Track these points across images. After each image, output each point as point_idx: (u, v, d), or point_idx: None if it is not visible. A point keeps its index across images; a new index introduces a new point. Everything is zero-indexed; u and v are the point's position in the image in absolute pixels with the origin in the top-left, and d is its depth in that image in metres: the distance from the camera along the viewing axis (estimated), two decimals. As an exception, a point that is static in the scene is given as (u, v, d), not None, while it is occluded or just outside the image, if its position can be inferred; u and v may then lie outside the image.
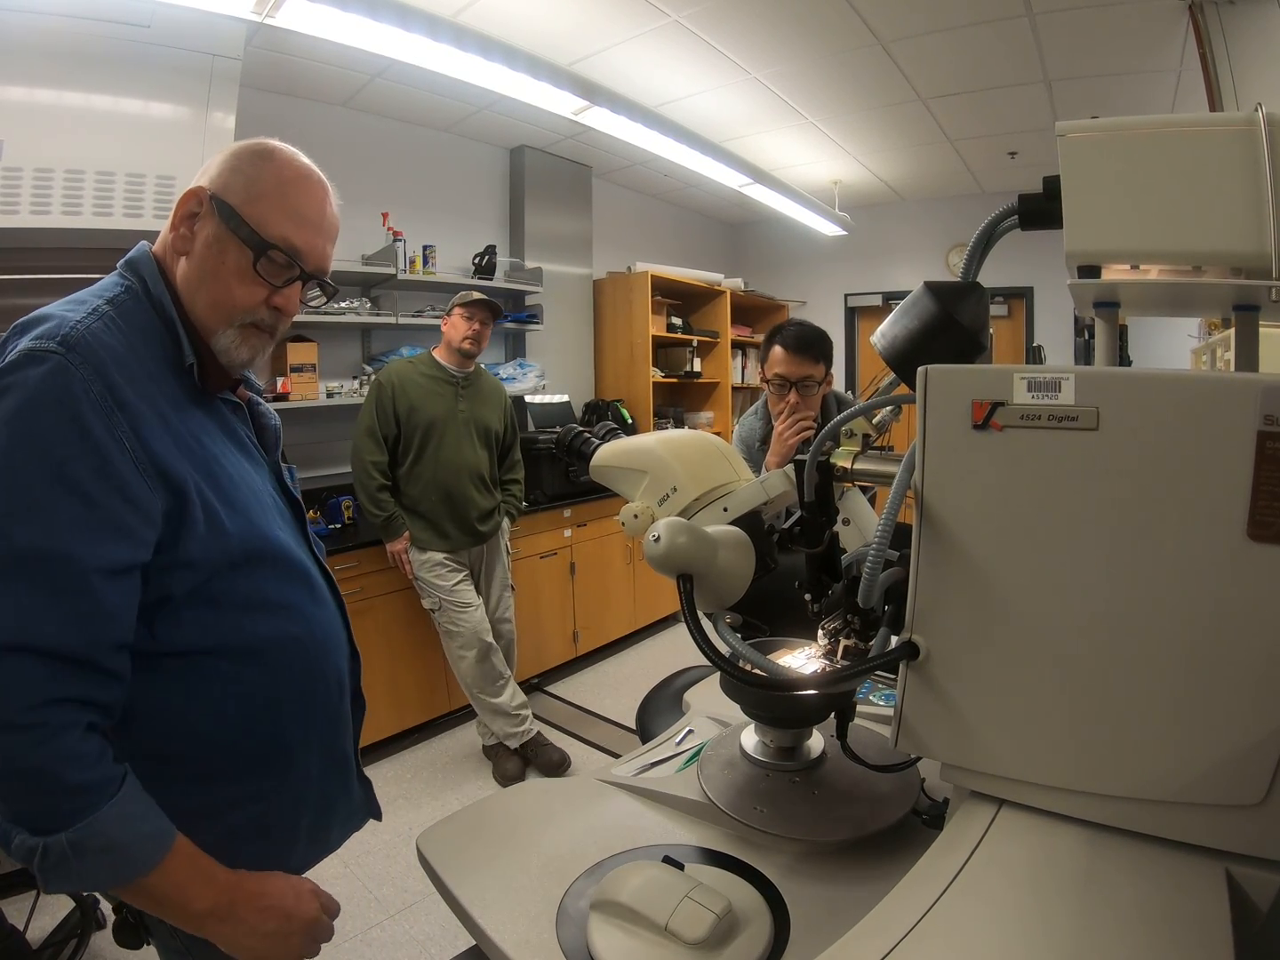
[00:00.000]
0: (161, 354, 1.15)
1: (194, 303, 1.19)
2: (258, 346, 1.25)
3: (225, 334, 1.20)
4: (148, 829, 1.03)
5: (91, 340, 1.03)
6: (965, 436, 0.83)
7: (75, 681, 0.98)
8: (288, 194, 1.21)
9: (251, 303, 1.20)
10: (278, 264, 1.20)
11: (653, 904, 0.96)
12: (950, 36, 4.09)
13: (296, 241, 1.21)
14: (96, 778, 0.99)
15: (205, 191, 1.18)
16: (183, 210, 1.19)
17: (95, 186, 3.23)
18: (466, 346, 3.84)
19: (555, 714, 4.69)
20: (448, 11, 3.55)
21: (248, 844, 1.17)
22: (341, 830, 1.37)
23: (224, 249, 1.17)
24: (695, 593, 1.01)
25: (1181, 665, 0.76)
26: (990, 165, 6.40)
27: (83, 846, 0.96)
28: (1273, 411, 0.68)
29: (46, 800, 0.96)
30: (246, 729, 1.17)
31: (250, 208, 1.17)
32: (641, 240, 7.36)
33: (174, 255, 1.20)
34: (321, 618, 1.30)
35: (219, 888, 1.08)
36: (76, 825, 0.96)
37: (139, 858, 1.01)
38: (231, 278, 1.18)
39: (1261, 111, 0.84)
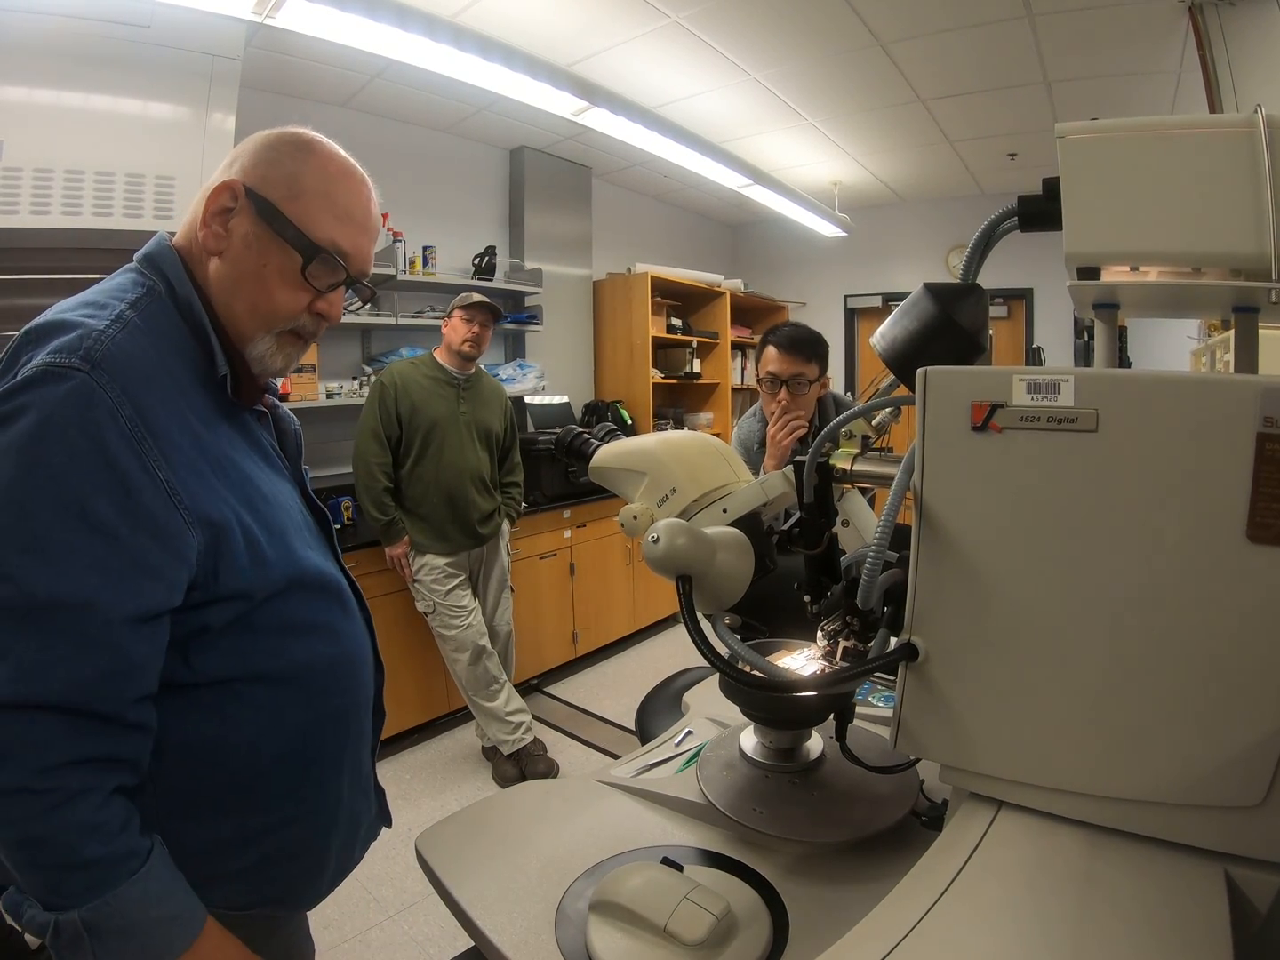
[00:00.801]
0: (189, 363, 1.06)
1: (230, 307, 1.10)
2: (293, 355, 1.17)
3: (262, 341, 1.12)
4: (172, 910, 0.95)
5: (119, 355, 0.94)
6: (964, 438, 0.83)
7: (97, 740, 0.91)
8: (333, 192, 1.12)
9: (295, 309, 1.12)
10: (325, 268, 1.11)
11: (652, 905, 0.96)
12: (950, 38, 4.09)
13: (344, 244, 1.13)
14: (116, 851, 0.91)
15: (240, 185, 1.08)
16: (214, 205, 1.08)
17: (95, 187, 3.23)
18: (466, 349, 3.84)
19: (554, 715, 4.69)
20: (447, 12, 3.55)
21: (278, 868, 1.11)
22: (364, 844, 1.31)
23: (266, 250, 1.08)
24: (694, 594, 1.01)
25: (1181, 667, 0.76)
26: (990, 166, 6.41)
27: (98, 928, 0.89)
28: (1272, 413, 0.68)
29: (59, 874, 0.89)
30: (282, 754, 1.09)
31: (293, 205, 1.09)
32: (641, 241, 7.36)
33: (203, 254, 1.10)
34: (353, 633, 1.23)
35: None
36: (91, 903, 0.89)
37: (161, 944, 0.93)
38: (274, 281, 1.09)
39: (1261, 113, 0.85)
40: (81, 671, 0.89)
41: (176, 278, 1.08)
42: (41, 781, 0.87)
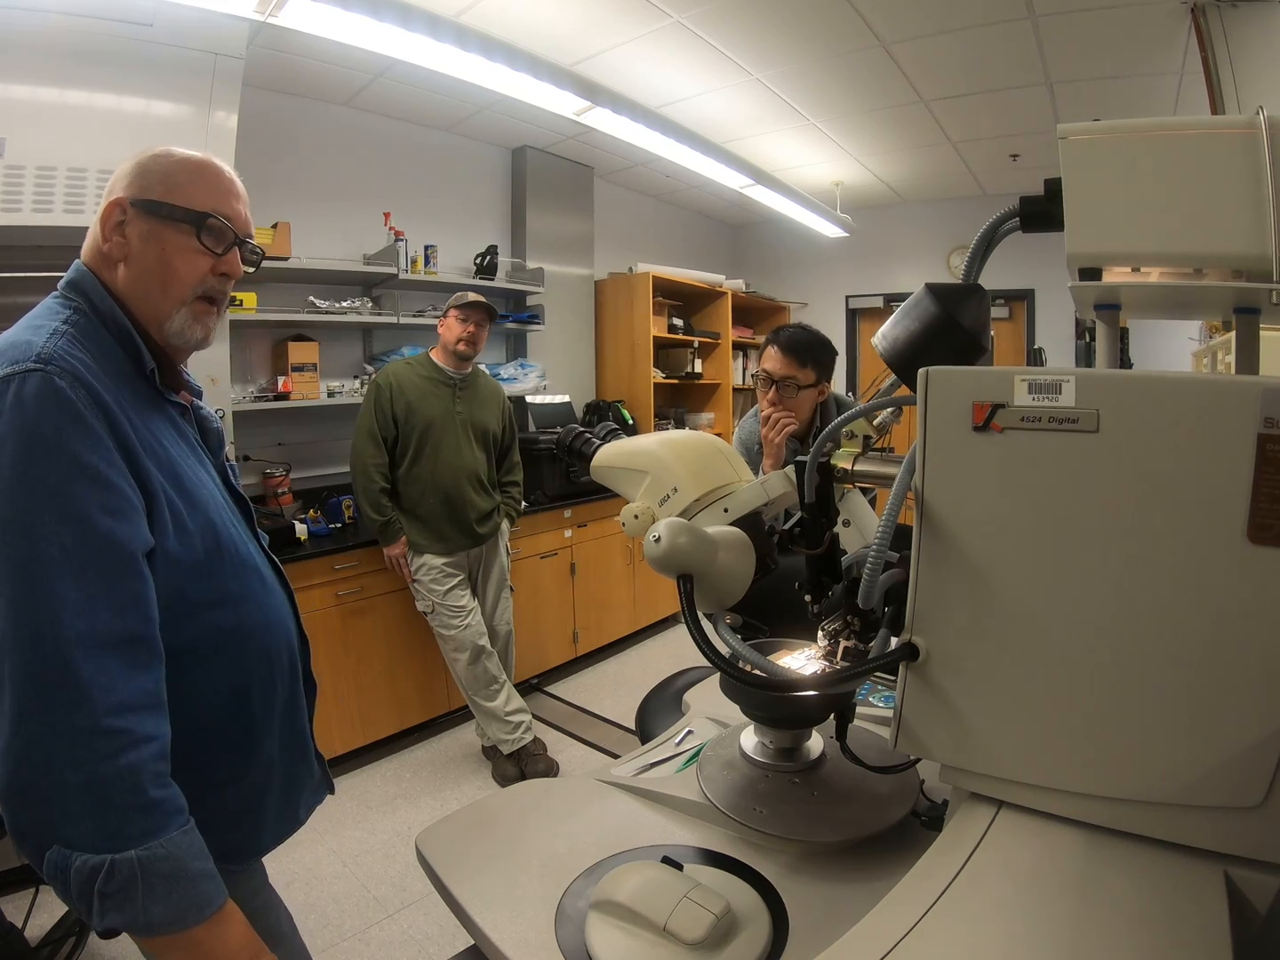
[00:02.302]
0: (118, 365, 1.20)
1: (145, 298, 1.25)
2: (209, 324, 1.32)
3: (178, 315, 1.27)
4: (209, 869, 1.03)
5: (64, 354, 1.08)
6: (966, 438, 0.83)
7: (146, 673, 1.03)
8: (199, 174, 1.29)
9: (198, 274, 1.27)
10: (216, 232, 1.28)
11: (651, 904, 0.96)
12: (953, 38, 4.09)
13: (224, 209, 1.29)
14: (172, 797, 1.01)
15: (124, 199, 1.24)
16: (109, 223, 1.24)
17: (97, 185, 3.23)
18: (462, 349, 3.84)
19: (555, 714, 4.69)
20: (450, 11, 3.55)
21: (221, 827, 1.18)
22: (307, 805, 1.44)
23: (161, 236, 1.24)
24: (695, 593, 1.01)
25: (1181, 667, 0.76)
26: (992, 167, 6.40)
27: (151, 870, 0.95)
28: (1273, 414, 0.68)
29: (124, 814, 0.96)
30: (218, 717, 1.23)
31: (173, 194, 1.25)
32: (643, 241, 7.36)
33: (110, 265, 1.25)
34: (273, 605, 1.36)
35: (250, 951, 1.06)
36: (149, 843, 0.96)
37: (201, 897, 1.01)
38: (175, 258, 1.25)
39: (1263, 114, 0.85)
40: (119, 600, 1.01)
41: (97, 295, 1.22)
42: (112, 722, 0.96)
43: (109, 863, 0.93)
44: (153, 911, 0.96)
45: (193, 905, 0.99)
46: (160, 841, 0.97)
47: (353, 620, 3.94)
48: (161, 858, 0.96)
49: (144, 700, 1.01)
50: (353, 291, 4.72)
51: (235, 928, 1.05)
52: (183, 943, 1.00)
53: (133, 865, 0.94)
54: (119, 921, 0.96)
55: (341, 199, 4.68)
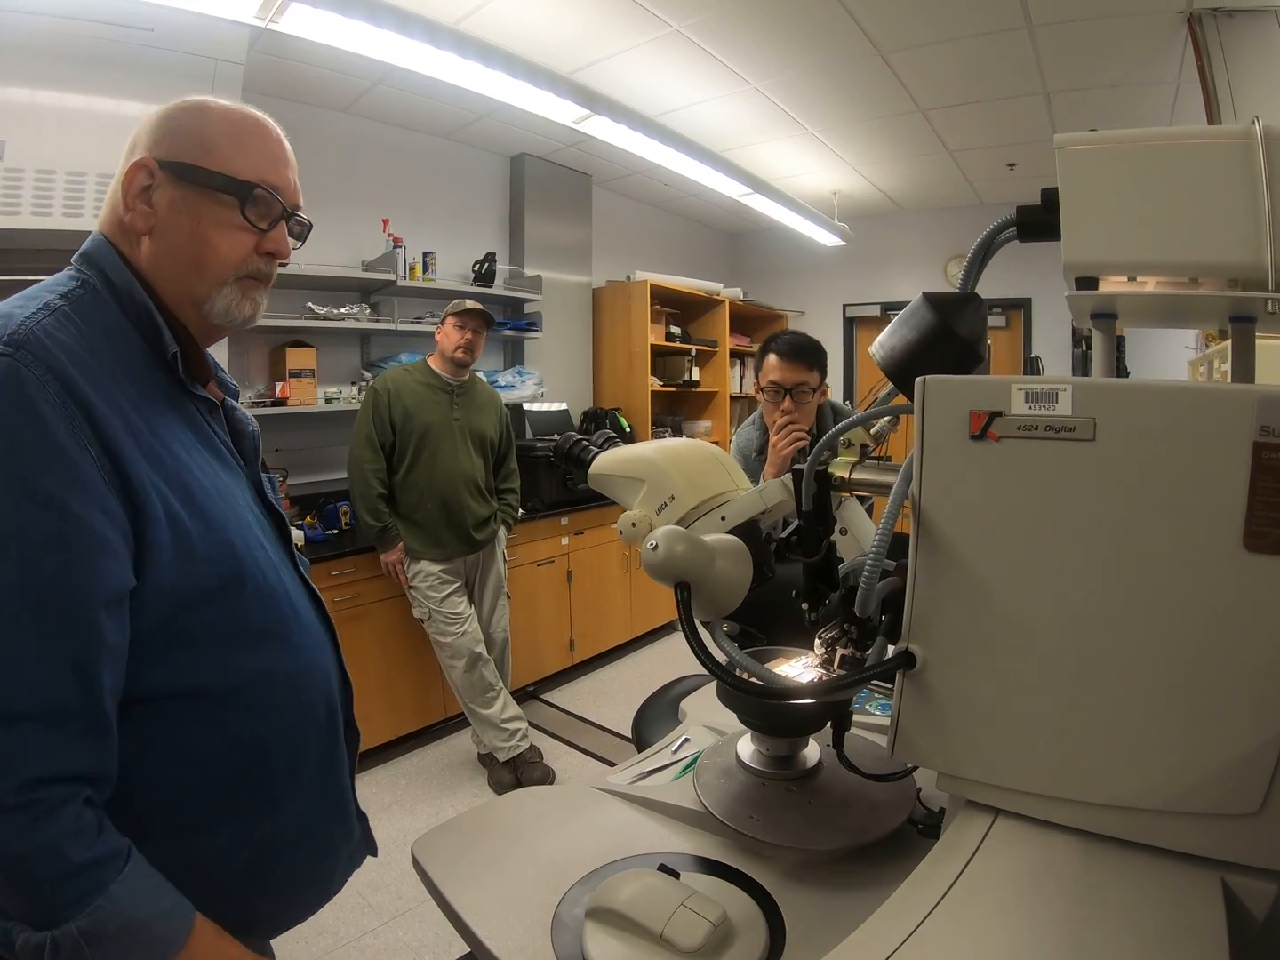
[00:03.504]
0: (126, 352, 1.04)
1: (175, 277, 1.09)
2: (258, 298, 1.17)
3: (220, 294, 1.11)
4: (164, 904, 0.92)
5: (41, 336, 0.92)
6: (963, 447, 0.84)
7: (74, 748, 0.87)
8: (243, 135, 1.13)
9: (241, 254, 1.12)
10: (263, 205, 1.12)
11: (648, 912, 0.96)
12: (950, 48, 4.10)
13: (272, 178, 1.13)
14: (102, 852, 0.87)
15: (150, 160, 1.07)
16: (132, 188, 1.08)
17: (97, 189, 3.24)
18: (459, 356, 3.85)
19: (551, 722, 4.68)
20: (449, 18, 3.56)
21: (240, 896, 1.06)
22: (342, 873, 1.23)
23: (196, 207, 1.08)
24: (693, 601, 1.01)
25: (1178, 675, 0.76)
26: (989, 176, 6.42)
27: (97, 935, 0.85)
28: (1269, 422, 0.68)
29: (49, 886, 0.84)
30: (229, 776, 1.04)
31: (211, 159, 1.08)
32: (641, 249, 7.37)
33: (133, 237, 1.09)
34: (308, 645, 1.17)
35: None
36: (85, 910, 0.85)
37: (164, 936, 0.90)
38: (213, 233, 1.09)
39: (1258, 124, 0.85)
40: (54, 664, 0.85)
41: (112, 267, 1.07)
42: (20, 796, 0.82)
43: (50, 939, 0.84)
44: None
45: (154, 951, 0.89)
46: (100, 902, 0.85)
47: (349, 627, 3.92)
48: (106, 919, 0.86)
49: (68, 773, 0.87)
50: (351, 298, 4.73)
51: (209, 948, 0.95)
52: None
53: (75, 939, 0.84)
54: None
55: (340, 205, 4.67)
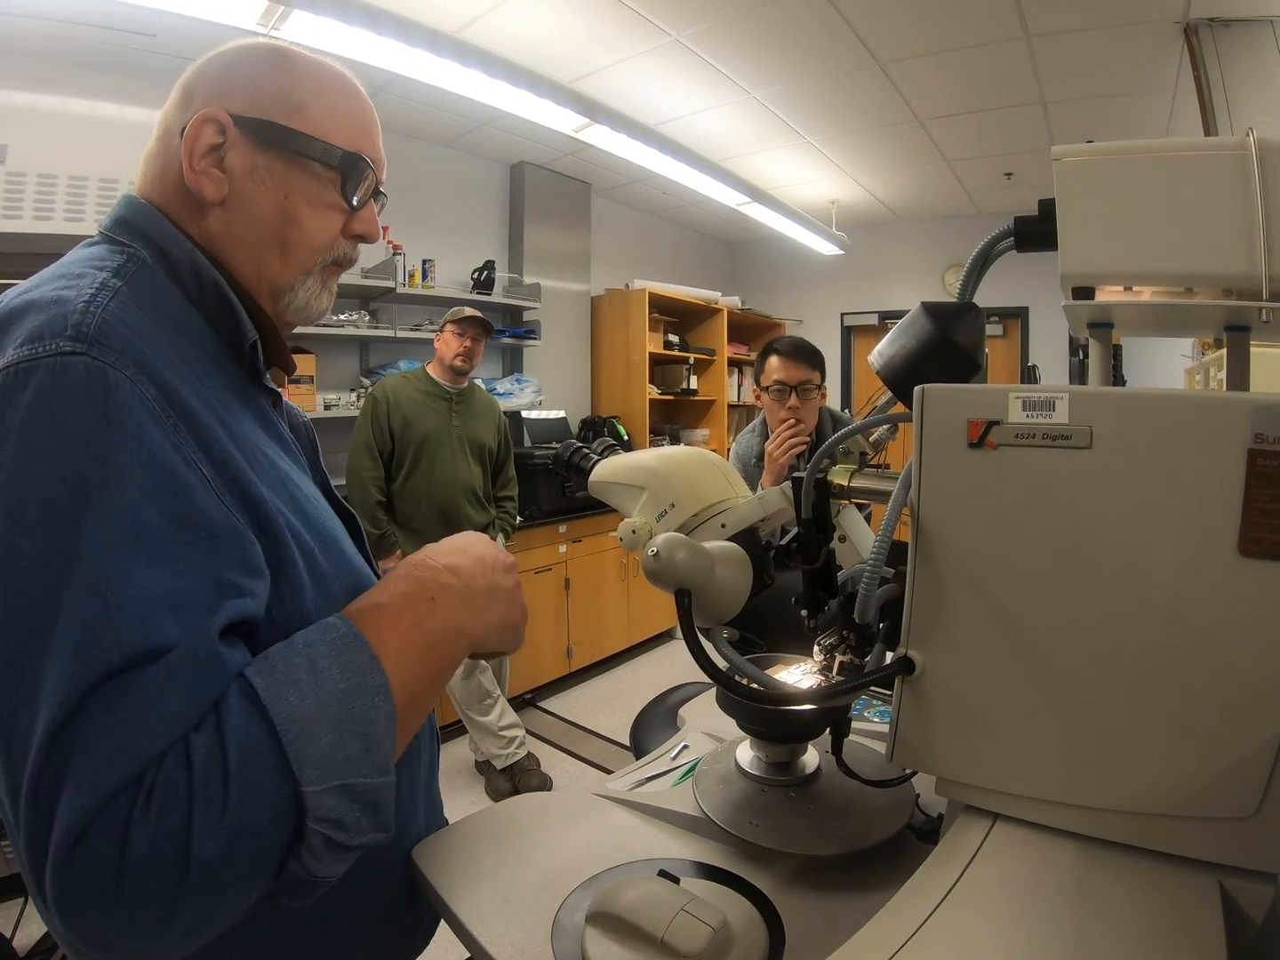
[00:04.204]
0: (193, 339, 0.85)
1: (253, 261, 0.92)
2: (334, 290, 1.03)
3: (305, 284, 0.96)
4: (334, 682, 0.71)
5: (118, 325, 0.73)
6: (960, 455, 0.84)
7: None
8: (334, 96, 0.96)
9: (331, 236, 0.96)
10: (359, 180, 0.97)
11: (648, 917, 0.96)
12: (947, 58, 4.13)
13: (369, 151, 0.98)
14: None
15: (224, 114, 0.88)
16: (200, 144, 0.88)
17: (98, 194, 3.26)
18: (458, 364, 3.87)
19: (549, 730, 4.68)
20: (450, 27, 3.58)
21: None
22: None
23: (284, 178, 0.91)
24: (693, 608, 1.01)
25: (1174, 679, 0.76)
26: (986, 186, 6.45)
27: (320, 799, 0.66)
28: (1263, 429, 0.69)
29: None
30: None
31: (303, 121, 0.91)
32: (639, 257, 7.39)
33: (194, 205, 0.91)
34: None
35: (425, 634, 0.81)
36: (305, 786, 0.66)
37: (359, 711, 0.70)
38: (303, 211, 0.92)
39: (1252, 136, 0.86)
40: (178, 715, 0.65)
41: (168, 237, 0.88)
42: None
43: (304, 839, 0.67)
44: (323, 687, 0.69)
45: (366, 727, 0.71)
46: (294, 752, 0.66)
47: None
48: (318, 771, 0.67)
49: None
50: (350, 304, 4.74)
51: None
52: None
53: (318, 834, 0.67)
54: (353, 839, 0.70)
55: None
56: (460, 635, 0.87)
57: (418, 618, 0.81)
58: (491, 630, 0.95)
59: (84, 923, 0.60)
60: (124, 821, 0.60)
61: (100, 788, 0.60)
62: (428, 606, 0.83)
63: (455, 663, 0.87)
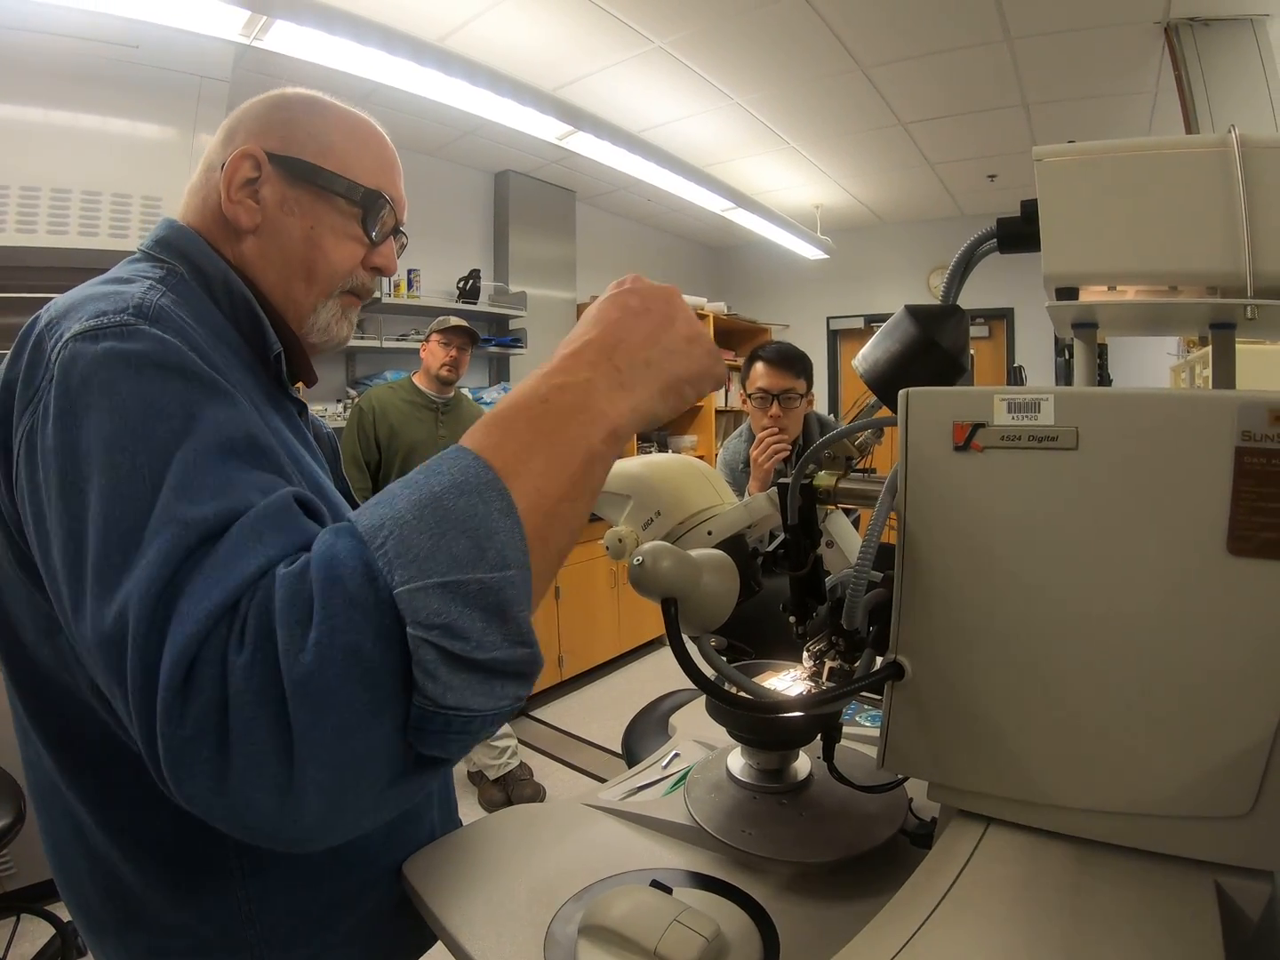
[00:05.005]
0: (230, 349, 0.93)
1: (281, 282, 1.02)
2: (354, 321, 1.12)
3: (327, 307, 1.06)
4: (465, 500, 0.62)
5: (173, 316, 0.80)
6: (947, 458, 0.84)
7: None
8: (362, 141, 1.07)
9: (351, 264, 1.05)
10: (378, 215, 1.06)
11: (641, 928, 0.95)
12: (930, 62, 4.15)
13: (390, 191, 1.07)
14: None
15: (260, 151, 0.99)
16: (237, 177, 0.98)
17: (81, 206, 3.25)
18: (444, 373, 3.85)
19: (541, 739, 4.67)
20: (433, 36, 3.58)
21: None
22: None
23: (311, 210, 1.01)
24: (680, 616, 1.01)
25: (1165, 679, 0.76)
26: (970, 188, 6.48)
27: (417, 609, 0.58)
28: (1250, 427, 0.69)
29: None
30: None
31: (330, 160, 1.02)
32: (625, 264, 7.38)
33: (230, 232, 1.01)
34: None
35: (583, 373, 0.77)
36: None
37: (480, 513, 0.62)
38: (328, 240, 1.02)
39: (1234, 133, 0.86)
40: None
41: (204, 257, 0.97)
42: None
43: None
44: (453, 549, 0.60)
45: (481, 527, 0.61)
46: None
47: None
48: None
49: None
50: (335, 315, 4.71)
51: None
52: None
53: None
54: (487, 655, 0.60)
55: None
56: (594, 420, 0.73)
57: (530, 419, 0.71)
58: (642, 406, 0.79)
59: (201, 782, 0.57)
60: (222, 651, 0.58)
61: (199, 617, 0.59)
62: (541, 408, 0.72)
63: (593, 458, 0.72)
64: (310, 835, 0.59)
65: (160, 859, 0.93)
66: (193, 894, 0.94)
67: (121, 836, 0.92)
